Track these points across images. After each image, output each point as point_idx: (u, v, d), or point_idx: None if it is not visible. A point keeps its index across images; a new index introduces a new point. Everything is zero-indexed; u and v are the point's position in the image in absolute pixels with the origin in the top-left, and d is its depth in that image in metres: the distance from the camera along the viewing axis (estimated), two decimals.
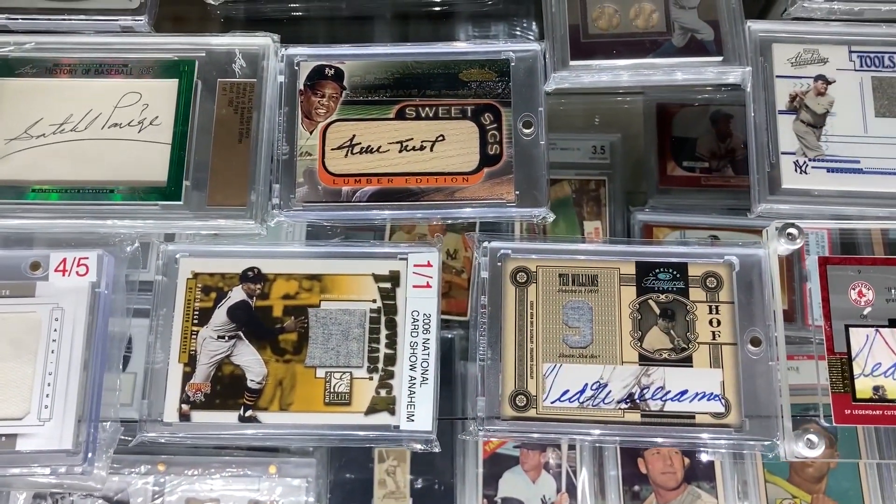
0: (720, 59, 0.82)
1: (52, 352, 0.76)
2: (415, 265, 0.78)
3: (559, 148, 1.03)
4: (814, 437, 0.72)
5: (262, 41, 0.84)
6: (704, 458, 0.81)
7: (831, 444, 0.84)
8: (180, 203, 0.80)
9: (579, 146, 1.03)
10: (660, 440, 0.73)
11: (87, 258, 0.78)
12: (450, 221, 0.80)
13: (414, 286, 0.78)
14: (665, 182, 0.98)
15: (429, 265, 0.78)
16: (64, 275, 0.77)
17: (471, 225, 0.90)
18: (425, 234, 0.96)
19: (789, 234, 0.76)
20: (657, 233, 0.96)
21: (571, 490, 0.86)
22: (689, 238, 0.94)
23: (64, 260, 0.78)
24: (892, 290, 0.76)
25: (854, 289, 0.76)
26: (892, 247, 0.90)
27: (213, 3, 0.90)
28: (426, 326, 0.77)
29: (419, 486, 0.89)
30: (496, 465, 0.87)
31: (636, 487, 0.87)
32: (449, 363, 0.88)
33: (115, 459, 0.78)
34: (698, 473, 0.86)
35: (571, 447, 0.87)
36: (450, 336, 0.90)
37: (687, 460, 0.86)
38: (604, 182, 1.01)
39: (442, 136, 0.82)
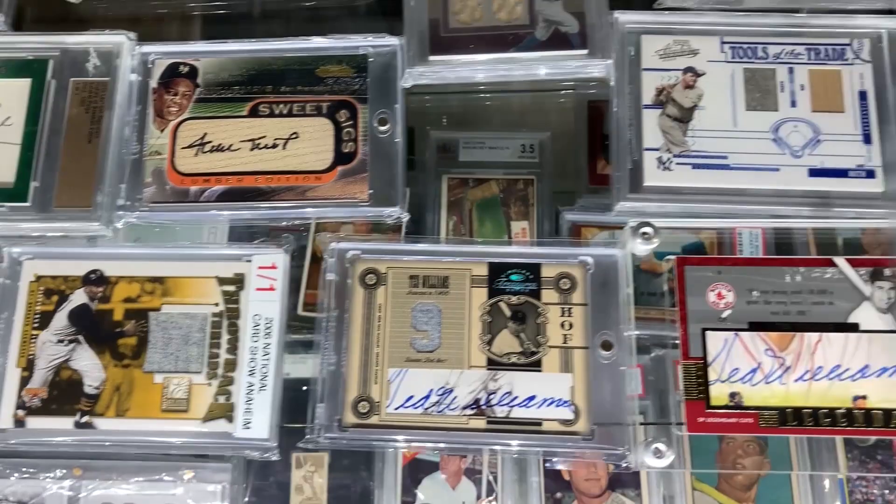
0: (585, 52, 0.79)
1: None
2: (259, 267, 0.75)
3: (487, 147, 1.00)
4: (662, 447, 0.68)
5: (116, 39, 0.82)
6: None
7: (680, 455, 0.81)
8: (27, 204, 0.78)
9: (508, 145, 0.99)
10: (504, 448, 0.71)
11: None
12: (297, 222, 0.77)
13: (257, 289, 0.75)
14: (595, 181, 0.94)
15: (273, 267, 0.75)
16: None
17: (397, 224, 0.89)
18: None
19: (644, 233, 0.73)
20: (585, 233, 0.92)
21: (492, 496, 0.83)
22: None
23: None
24: (754, 292, 0.72)
25: (713, 290, 0.72)
26: (825, 247, 0.86)
27: (74, 1, 0.89)
28: (268, 331, 0.74)
29: (337, 492, 0.87)
30: (416, 471, 0.85)
31: (558, 494, 0.83)
32: None
33: (31, 464, 0.76)
34: (623, 480, 0.83)
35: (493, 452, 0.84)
36: None
37: (612, 467, 0.83)
38: (532, 181, 0.99)
39: (296, 133, 0.79)
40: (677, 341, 0.72)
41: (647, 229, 0.72)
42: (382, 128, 0.79)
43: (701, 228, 0.78)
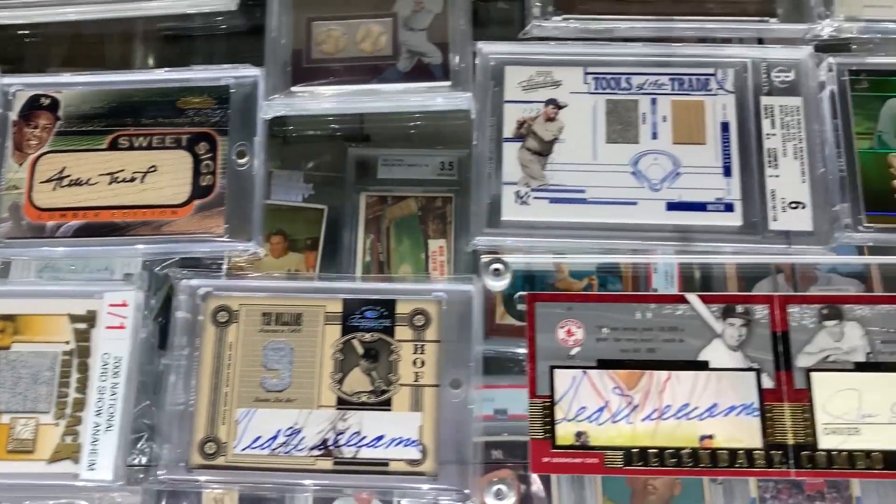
0: (448, 84, 0.78)
1: None
2: (109, 304, 0.74)
3: (406, 164, 0.99)
4: (504, 488, 0.67)
5: None
6: None
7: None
8: None
9: (427, 162, 0.99)
10: (351, 489, 0.70)
11: None
12: (148, 260, 0.76)
13: (107, 327, 0.74)
14: None
15: (124, 304, 0.74)
16: None
17: (314, 243, 0.88)
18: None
19: (495, 269, 0.72)
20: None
21: None
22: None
23: None
24: (604, 329, 0.71)
25: (563, 327, 0.71)
26: (747, 280, 0.85)
27: None
28: (116, 370, 0.73)
29: None
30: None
31: None
32: None
33: None
34: (531, 499, 0.82)
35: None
36: None
37: (523, 486, 0.82)
38: (450, 199, 0.98)
39: (154, 166, 0.78)
40: None
41: (498, 265, 0.72)
42: (241, 160, 0.78)
43: (560, 261, 0.78)
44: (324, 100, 0.78)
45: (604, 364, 0.70)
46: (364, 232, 0.91)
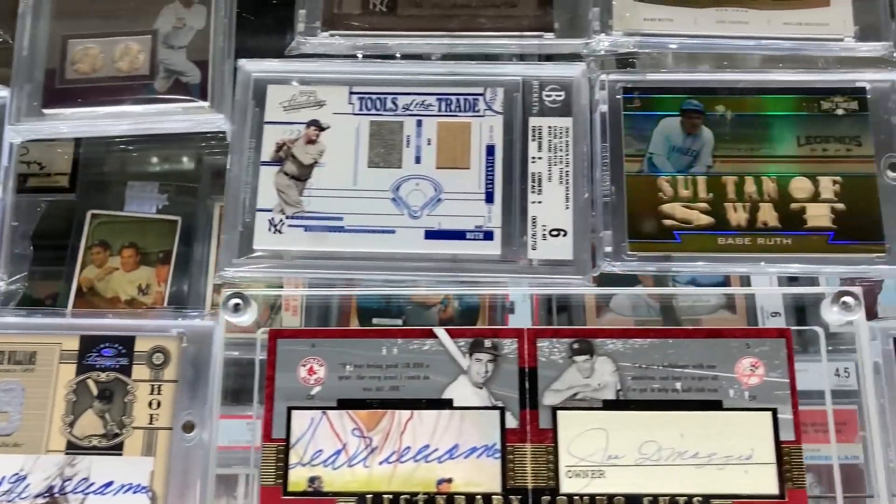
0: (206, 104, 0.75)
1: None
2: None
3: None
4: None
5: None
6: None
7: None
8: None
9: None
10: None
11: None
12: None
13: None
14: None
15: None
16: None
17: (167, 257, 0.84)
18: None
19: (235, 304, 0.68)
20: None
21: None
22: None
23: None
24: (348, 366, 0.67)
25: (305, 365, 0.68)
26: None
27: None
28: None
29: None
30: None
31: None
32: None
33: None
34: None
35: None
36: None
37: None
38: None
39: None
40: None
41: (238, 300, 0.68)
42: None
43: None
44: (79, 122, 0.74)
45: (344, 404, 0.66)
46: (217, 244, 0.88)
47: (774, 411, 0.64)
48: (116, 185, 0.90)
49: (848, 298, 0.65)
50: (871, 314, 0.78)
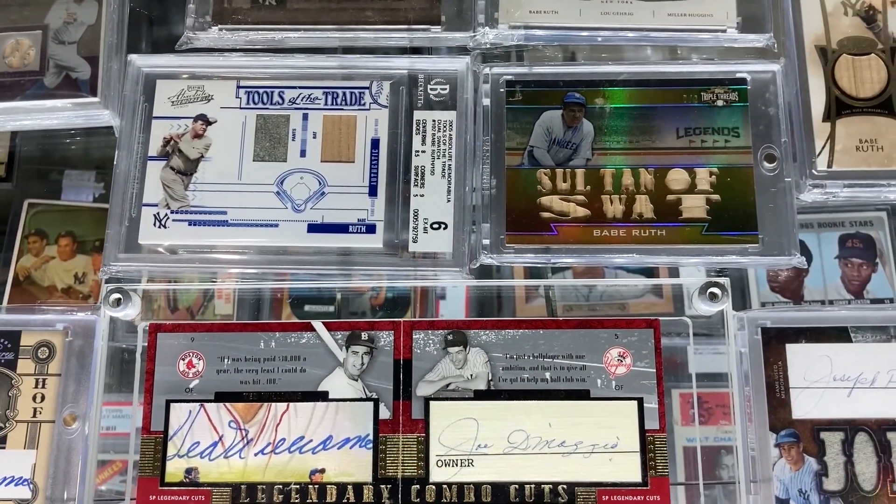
0: (95, 100, 0.75)
1: None
2: None
3: None
4: None
5: None
6: None
7: None
8: None
9: None
10: None
11: None
12: None
13: None
14: None
15: None
16: None
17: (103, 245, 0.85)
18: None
19: (115, 299, 0.69)
20: None
21: None
22: None
23: None
24: (226, 360, 0.68)
25: (184, 359, 0.68)
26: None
27: None
28: None
29: None
30: None
31: None
32: None
33: None
34: None
35: None
36: None
37: None
38: None
39: None
40: None
41: (118, 295, 0.69)
42: None
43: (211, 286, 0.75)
44: None
45: (221, 397, 0.67)
46: None
47: (640, 400, 0.65)
48: (53, 174, 0.91)
49: (714, 289, 0.66)
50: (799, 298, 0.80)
